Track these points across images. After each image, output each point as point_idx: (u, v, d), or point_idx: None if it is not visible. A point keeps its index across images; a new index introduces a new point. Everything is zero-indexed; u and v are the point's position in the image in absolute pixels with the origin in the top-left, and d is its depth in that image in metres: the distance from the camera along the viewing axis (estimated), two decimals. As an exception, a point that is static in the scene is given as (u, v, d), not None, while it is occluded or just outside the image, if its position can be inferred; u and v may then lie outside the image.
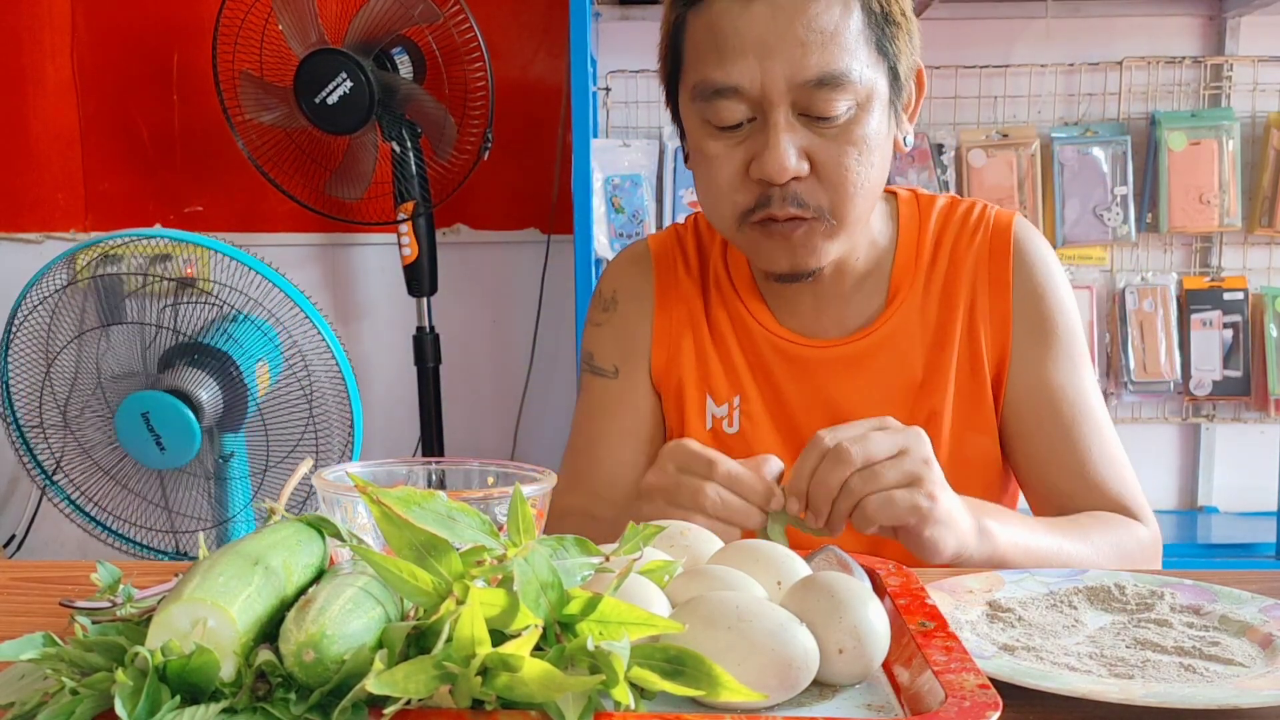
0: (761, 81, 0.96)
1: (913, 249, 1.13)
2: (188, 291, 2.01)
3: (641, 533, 0.64)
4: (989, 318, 1.10)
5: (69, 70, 2.53)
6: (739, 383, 1.14)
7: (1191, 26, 2.40)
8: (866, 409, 1.09)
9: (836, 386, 1.11)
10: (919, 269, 1.12)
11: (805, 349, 1.12)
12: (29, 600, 0.81)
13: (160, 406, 1.93)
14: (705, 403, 1.15)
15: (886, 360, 1.11)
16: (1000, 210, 1.14)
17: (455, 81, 2.22)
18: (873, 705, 0.58)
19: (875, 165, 1.00)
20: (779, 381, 1.13)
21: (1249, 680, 0.64)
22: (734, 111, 0.98)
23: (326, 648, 0.49)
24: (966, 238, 1.12)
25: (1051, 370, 1.09)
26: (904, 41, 1.01)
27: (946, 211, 1.14)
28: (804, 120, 0.98)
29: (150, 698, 0.47)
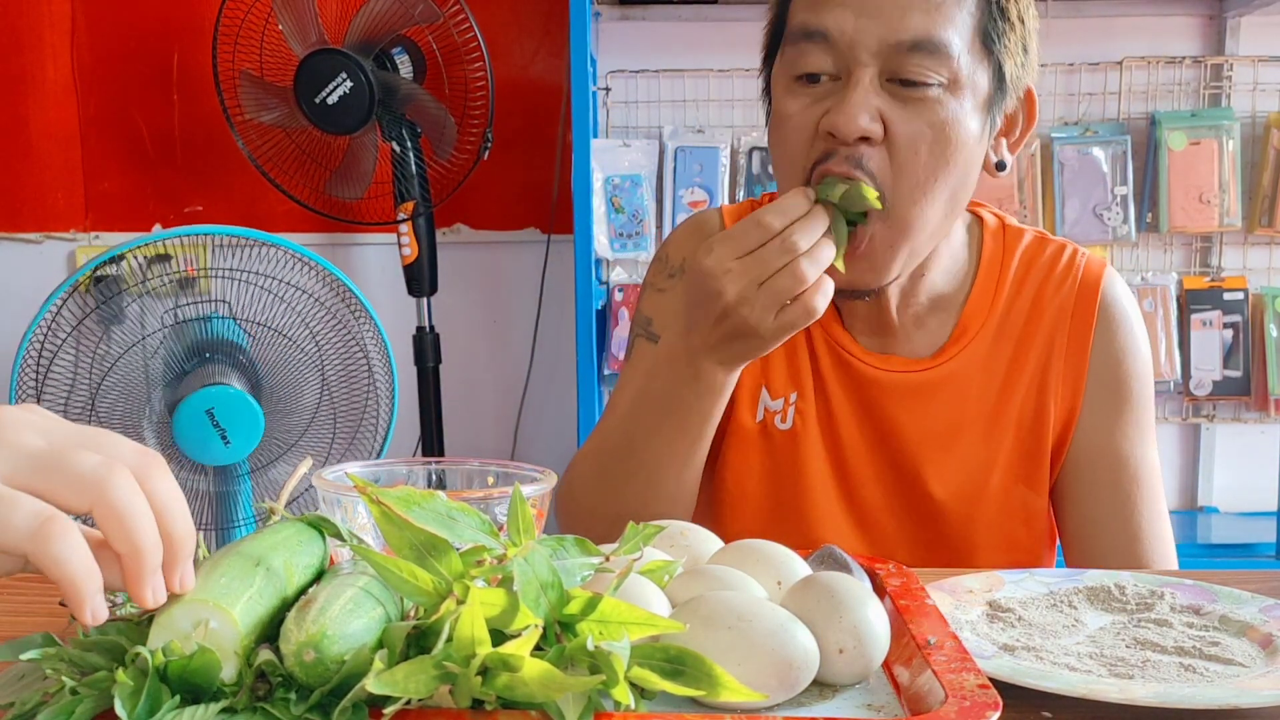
0: (854, 34, 0.92)
1: (991, 285, 1.08)
2: (191, 290, 2.01)
3: (641, 533, 0.64)
4: (1063, 375, 1.06)
5: (69, 70, 2.53)
6: (798, 379, 1.09)
7: (1191, 26, 2.40)
8: (914, 444, 1.06)
9: (888, 413, 1.07)
10: (995, 308, 1.07)
11: (867, 366, 1.07)
12: (29, 600, 0.81)
13: (226, 400, 1.93)
14: (760, 393, 1.09)
15: (946, 398, 1.06)
16: (1091, 259, 1.09)
17: (455, 81, 2.22)
18: (873, 705, 0.58)
19: (952, 164, 0.94)
20: (833, 395, 1.08)
21: (1249, 680, 0.64)
22: (818, 59, 0.93)
23: (327, 648, 0.49)
24: (1053, 286, 1.07)
25: (1120, 438, 1.06)
26: (1014, 44, 0.96)
27: (1033, 250, 1.09)
28: (890, 88, 0.92)
29: (151, 698, 0.47)
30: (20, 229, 2.57)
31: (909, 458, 1.06)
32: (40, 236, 2.57)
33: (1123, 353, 1.07)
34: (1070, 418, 1.06)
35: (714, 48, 2.37)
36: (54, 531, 0.45)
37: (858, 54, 0.92)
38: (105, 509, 0.46)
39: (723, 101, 2.37)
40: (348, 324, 2.05)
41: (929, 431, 1.06)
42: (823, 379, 1.08)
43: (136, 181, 2.55)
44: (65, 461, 0.47)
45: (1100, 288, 1.07)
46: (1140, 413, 1.07)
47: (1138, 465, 1.06)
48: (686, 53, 2.38)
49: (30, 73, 2.53)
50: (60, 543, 0.45)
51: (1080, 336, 1.06)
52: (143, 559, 0.47)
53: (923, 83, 0.92)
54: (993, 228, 1.11)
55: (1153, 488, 1.07)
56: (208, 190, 2.55)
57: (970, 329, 1.07)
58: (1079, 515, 1.07)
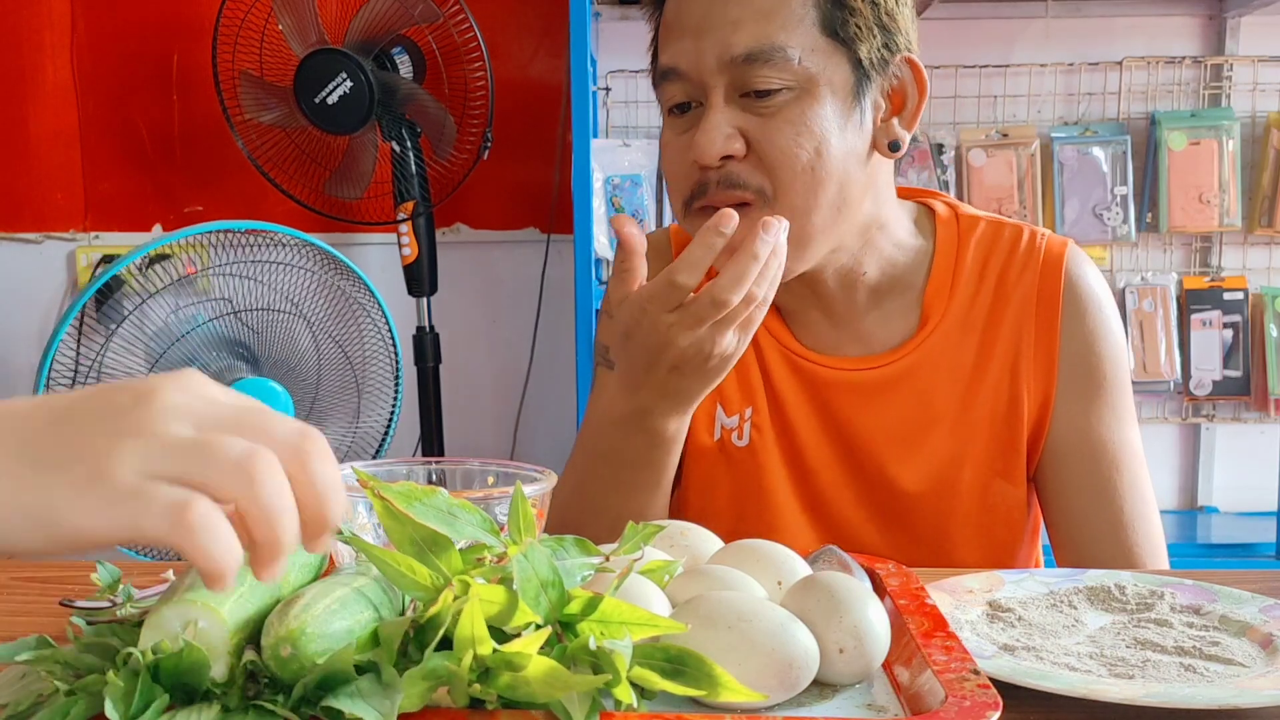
0: (695, 60, 0.95)
1: (949, 273, 1.06)
2: (192, 289, 2.01)
3: (641, 532, 0.64)
4: (1034, 362, 1.04)
5: (69, 70, 2.53)
6: (753, 395, 1.08)
7: (1191, 26, 2.40)
8: (882, 443, 1.04)
9: (850, 413, 1.06)
10: (956, 296, 1.06)
11: (820, 368, 1.06)
12: (29, 600, 0.81)
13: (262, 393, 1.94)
14: (715, 411, 1.09)
15: (911, 392, 1.05)
16: (1052, 239, 1.07)
17: (455, 81, 2.22)
18: (873, 705, 0.58)
19: (824, 157, 0.95)
20: (789, 402, 1.07)
21: (1249, 680, 0.64)
22: (677, 93, 0.98)
23: (304, 645, 0.49)
24: (1015, 271, 1.05)
25: (1096, 423, 1.04)
26: (864, 28, 0.96)
27: (991, 235, 1.07)
28: (744, 101, 0.95)
29: (142, 698, 0.47)
30: (20, 229, 2.57)
31: (875, 457, 1.05)
32: (40, 236, 2.57)
33: (1093, 335, 1.04)
34: (1045, 406, 1.04)
35: (714, 48, 2.37)
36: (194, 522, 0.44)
37: (704, 78, 0.95)
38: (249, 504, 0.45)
39: (723, 101, 2.37)
40: (361, 321, 2.05)
41: (894, 428, 1.04)
42: (776, 389, 1.07)
43: (136, 181, 2.55)
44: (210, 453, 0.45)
45: (1064, 268, 1.05)
46: (1116, 395, 1.05)
47: (1117, 450, 1.04)
48: (686, 53, 2.38)
49: (30, 73, 2.53)
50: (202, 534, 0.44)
51: (1048, 321, 1.04)
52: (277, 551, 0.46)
53: (770, 90, 0.94)
54: (944, 216, 1.09)
55: (1134, 471, 1.05)
56: (208, 190, 2.55)
57: (931, 320, 1.05)
58: (1062, 505, 1.05)
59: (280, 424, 0.48)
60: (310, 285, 2.04)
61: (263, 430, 0.47)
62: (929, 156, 2.34)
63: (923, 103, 1.02)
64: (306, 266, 2.03)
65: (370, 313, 2.06)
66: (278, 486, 0.46)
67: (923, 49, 1.04)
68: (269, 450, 0.46)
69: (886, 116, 1.00)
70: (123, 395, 0.47)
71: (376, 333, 2.08)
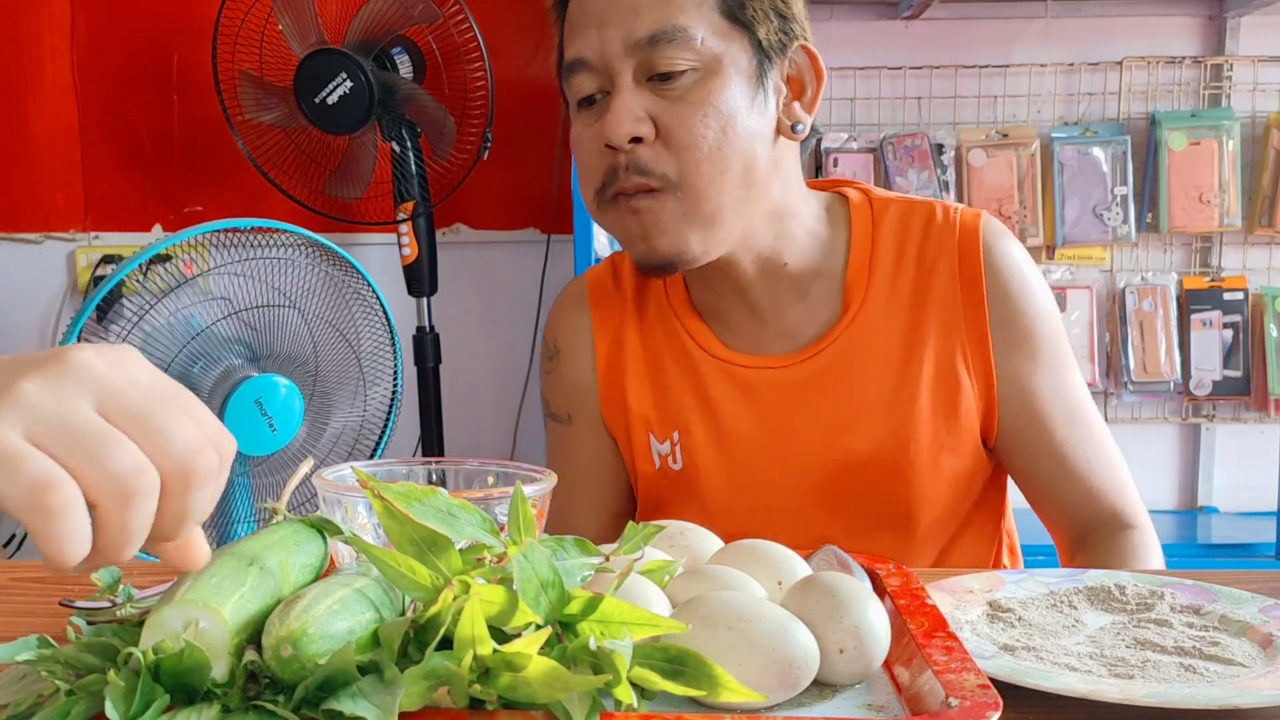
0: (600, 48, 0.97)
1: (867, 254, 1.06)
2: (193, 289, 2.01)
3: (641, 532, 0.64)
4: (965, 333, 1.04)
5: (69, 70, 2.53)
6: (679, 415, 1.08)
7: (1191, 26, 2.40)
8: (822, 433, 1.04)
9: (788, 410, 1.05)
10: (876, 277, 1.05)
11: (750, 370, 1.06)
12: (29, 600, 0.81)
13: (270, 389, 1.95)
14: (649, 440, 1.10)
15: (845, 379, 1.04)
16: (965, 210, 1.07)
17: (455, 81, 2.22)
18: (873, 705, 0.58)
19: (731, 136, 0.96)
20: (725, 410, 1.07)
21: (1249, 680, 0.64)
22: (585, 84, 0.99)
23: (305, 646, 0.49)
24: (934, 245, 1.05)
25: (1040, 381, 1.05)
26: (762, 13, 0.98)
27: (904, 213, 1.07)
28: (650, 85, 0.97)
29: (143, 699, 0.47)
30: (20, 229, 2.57)
31: (817, 449, 1.05)
32: (40, 236, 2.57)
33: (1019, 295, 1.04)
34: (988, 378, 1.04)
35: (714, 48, 2.37)
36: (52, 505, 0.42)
37: (610, 63, 0.97)
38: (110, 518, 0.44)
39: (723, 101, 2.37)
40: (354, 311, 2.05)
41: (834, 420, 1.04)
42: (709, 400, 1.07)
43: (136, 182, 2.55)
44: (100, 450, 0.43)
45: (981, 240, 1.04)
46: (1053, 348, 1.05)
47: (1065, 403, 1.05)
48: (686, 53, 2.38)
49: (30, 73, 2.53)
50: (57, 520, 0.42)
51: (973, 290, 1.04)
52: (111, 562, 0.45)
53: (675, 72, 0.96)
54: (857, 201, 1.09)
55: (1086, 418, 1.06)
56: (208, 190, 2.55)
57: (855, 302, 1.05)
58: (1027, 470, 1.06)
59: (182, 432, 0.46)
60: (310, 279, 2.04)
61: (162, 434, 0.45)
62: (929, 157, 2.34)
63: (820, 89, 1.04)
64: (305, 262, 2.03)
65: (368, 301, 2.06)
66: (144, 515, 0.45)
67: (923, 49, 1.05)
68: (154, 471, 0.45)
69: (788, 101, 1.02)
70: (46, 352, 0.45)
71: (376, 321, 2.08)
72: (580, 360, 1.15)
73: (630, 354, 1.12)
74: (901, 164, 2.32)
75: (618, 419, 1.12)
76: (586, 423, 1.15)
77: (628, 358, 1.12)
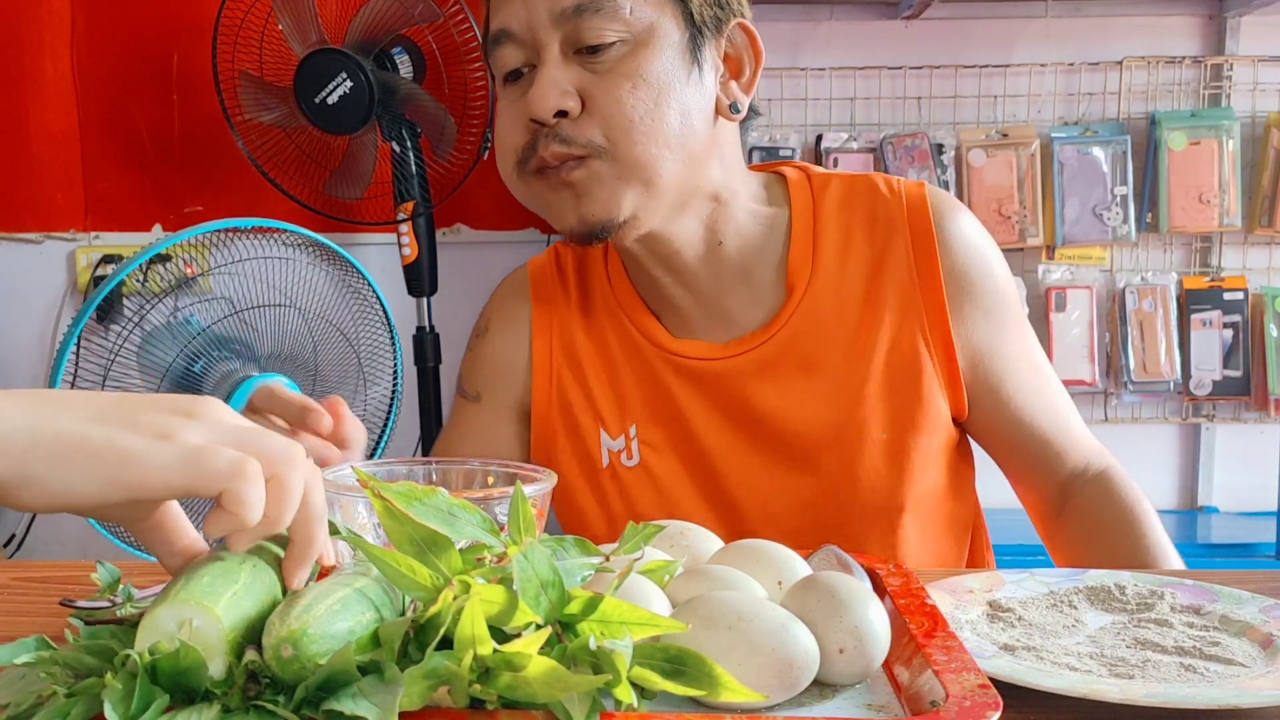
0: (526, 19, 0.94)
1: (809, 235, 1.03)
2: (192, 289, 2.01)
3: (641, 532, 0.64)
4: (923, 309, 1.02)
5: (69, 70, 2.53)
6: (633, 410, 1.05)
7: (1191, 26, 2.40)
8: (782, 419, 1.02)
9: (745, 398, 1.03)
10: (822, 257, 1.03)
11: (698, 361, 1.03)
12: (29, 600, 0.81)
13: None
14: (600, 437, 1.06)
15: (798, 360, 1.02)
16: (908, 183, 1.05)
17: (455, 81, 2.22)
18: (873, 705, 0.58)
19: (663, 108, 0.93)
20: (678, 402, 1.04)
21: (1249, 680, 0.64)
22: (510, 57, 0.96)
23: (306, 646, 0.49)
24: (882, 221, 1.03)
25: (1003, 348, 1.04)
26: None
27: (847, 190, 1.05)
28: (578, 58, 0.94)
29: (142, 700, 0.47)
30: (20, 229, 2.57)
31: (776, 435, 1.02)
32: (40, 236, 2.57)
33: (977, 268, 1.03)
34: (949, 353, 1.02)
35: (714, 48, 2.37)
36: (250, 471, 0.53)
37: (537, 34, 0.94)
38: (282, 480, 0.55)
39: (723, 101, 2.37)
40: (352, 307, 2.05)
41: (793, 403, 1.02)
42: (664, 394, 1.05)
43: (136, 181, 2.55)
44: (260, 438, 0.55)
45: (928, 207, 1.03)
46: (1011, 310, 1.05)
47: (1029, 364, 1.06)
48: (686, 53, 2.38)
49: (30, 73, 2.53)
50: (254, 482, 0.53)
51: (926, 262, 1.02)
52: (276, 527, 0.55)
53: (604, 44, 0.93)
54: (795, 179, 1.07)
55: (1050, 381, 1.07)
56: (207, 190, 2.55)
57: (801, 282, 1.03)
58: (1003, 439, 1.06)
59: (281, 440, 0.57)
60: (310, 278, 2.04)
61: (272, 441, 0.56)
62: (929, 156, 2.34)
63: (759, 69, 1.02)
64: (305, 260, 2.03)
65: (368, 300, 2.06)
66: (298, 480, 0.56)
67: (923, 49, 1.04)
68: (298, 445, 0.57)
69: (725, 80, 0.99)
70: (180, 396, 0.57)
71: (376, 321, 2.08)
72: (510, 347, 1.12)
73: (573, 345, 1.09)
74: (901, 164, 2.32)
75: (554, 411, 1.09)
76: (495, 407, 1.12)
77: (570, 348, 1.09)
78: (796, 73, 2.35)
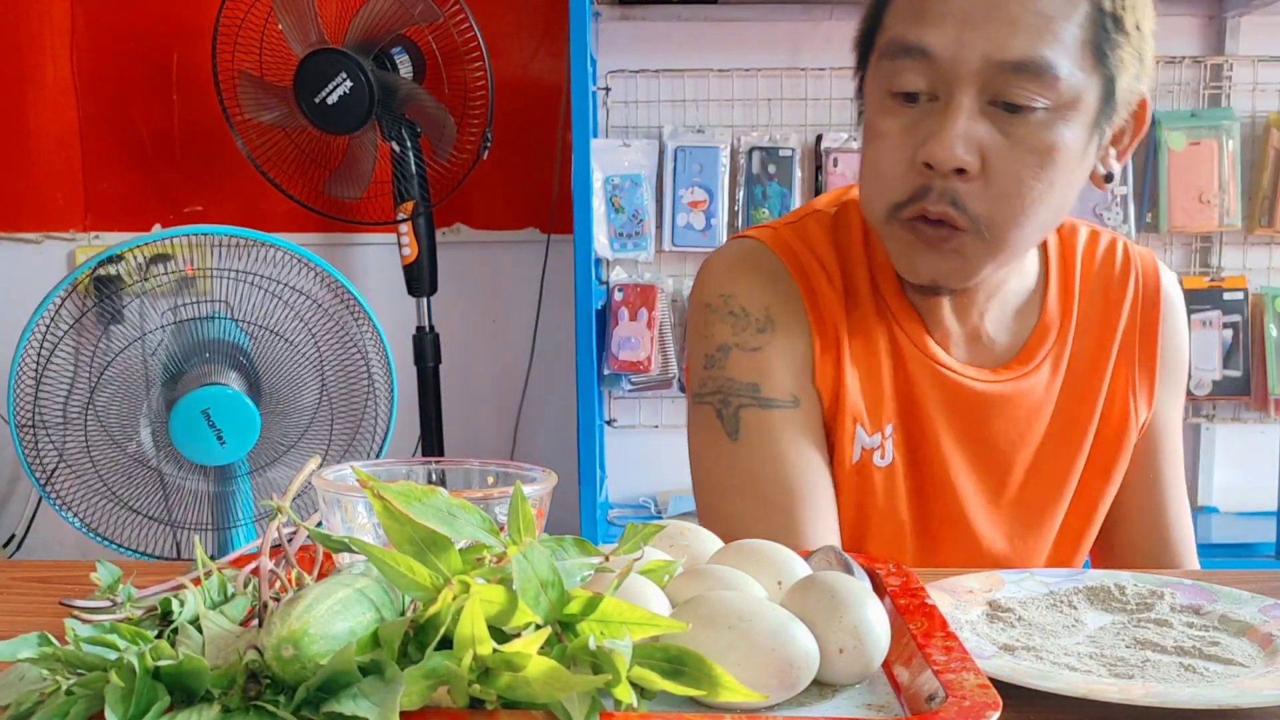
0: (955, 50, 0.86)
1: (1064, 282, 1.06)
2: (191, 290, 2.01)
3: (641, 532, 0.64)
4: (1140, 375, 1.07)
5: (69, 70, 2.53)
6: (891, 409, 1.02)
7: (1191, 26, 2.40)
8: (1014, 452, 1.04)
9: (987, 424, 1.03)
10: (1072, 306, 1.06)
11: (957, 378, 1.02)
12: (29, 600, 0.81)
13: (222, 400, 1.93)
14: (855, 431, 1.01)
15: (1037, 401, 1.04)
16: (1144, 253, 1.09)
17: (455, 81, 2.22)
18: (873, 705, 0.58)
19: (1056, 186, 0.90)
20: (928, 412, 1.02)
21: (1249, 680, 0.64)
22: (916, 77, 0.88)
23: (306, 646, 0.49)
24: (1117, 285, 1.07)
25: (1172, 419, 1.12)
26: (1129, 57, 0.90)
27: (1091, 246, 1.08)
28: (991, 111, 0.88)
29: (143, 699, 0.47)
30: (20, 229, 2.57)
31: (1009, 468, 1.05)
32: (40, 236, 2.57)
33: (1183, 345, 1.11)
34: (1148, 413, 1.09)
35: (714, 47, 2.37)
36: None
37: (959, 72, 0.87)
38: None
39: (722, 101, 2.37)
40: (346, 325, 2.06)
41: (1025, 439, 1.04)
42: (917, 400, 1.02)
43: (136, 181, 2.55)
44: None
45: (1161, 286, 1.09)
46: (1183, 396, 1.13)
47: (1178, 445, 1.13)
48: (686, 53, 2.38)
49: (30, 73, 2.53)
50: None
51: (1149, 336, 1.08)
52: None
53: (1027, 106, 0.87)
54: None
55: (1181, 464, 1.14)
56: (207, 190, 2.55)
57: (1050, 330, 1.05)
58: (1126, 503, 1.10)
59: None
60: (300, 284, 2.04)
61: None
62: (929, 156, 2.34)
63: (1138, 138, 0.98)
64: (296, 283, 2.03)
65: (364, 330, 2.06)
66: None
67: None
68: None
69: (1107, 146, 0.96)
70: None
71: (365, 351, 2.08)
72: (800, 332, 1.00)
73: (843, 334, 1.01)
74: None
75: (827, 406, 1.01)
76: (812, 408, 1.00)
77: (841, 337, 1.01)
78: (797, 73, 2.35)
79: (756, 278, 1.02)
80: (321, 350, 2.06)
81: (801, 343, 1.00)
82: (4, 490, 2.62)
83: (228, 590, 0.63)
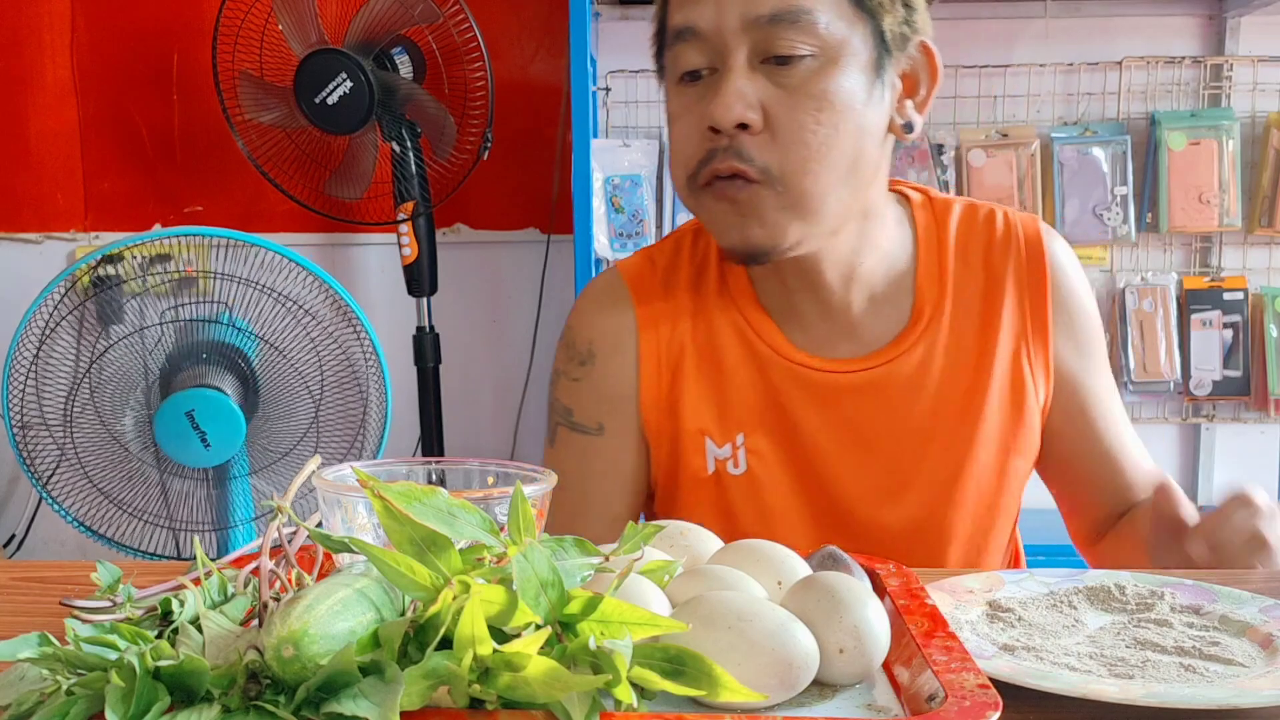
0: (717, 20, 0.92)
1: (934, 260, 1.05)
2: (190, 290, 2.01)
3: (641, 532, 0.64)
4: (1033, 340, 1.05)
5: (69, 70, 2.53)
6: (743, 417, 1.04)
7: (1191, 26, 2.40)
8: (895, 440, 1.03)
9: (860, 416, 1.03)
10: (946, 284, 1.04)
11: (821, 374, 1.03)
12: (29, 600, 0.81)
13: (206, 403, 1.93)
14: (705, 444, 1.04)
15: (917, 385, 1.03)
16: (1024, 218, 1.08)
17: (455, 81, 2.22)
18: (873, 705, 0.58)
19: (842, 132, 0.92)
20: (792, 411, 1.03)
21: (1249, 680, 0.64)
22: (693, 56, 0.94)
23: (306, 646, 0.49)
24: (999, 254, 1.06)
25: (1090, 378, 1.08)
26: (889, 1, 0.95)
27: (967, 220, 1.07)
28: (764, 69, 0.92)
29: (143, 699, 0.47)
30: (20, 229, 2.57)
31: (892, 455, 1.03)
32: (40, 236, 2.57)
33: (1078, 301, 1.07)
34: (1048, 378, 1.06)
35: (714, 48, 2.36)
36: None
37: (725, 39, 0.92)
38: None
39: (723, 101, 2.37)
40: (339, 329, 2.06)
41: (907, 425, 1.03)
42: (777, 402, 1.03)
43: (136, 181, 2.55)
44: None
45: (1043, 245, 1.06)
46: (1100, 347, 1.10)
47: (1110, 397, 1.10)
48: (686, 53, 2.38)
49: (30, 73, 2.53)
50: None
51: (1039, 298, 1.05)
52: None
53: (794, 55, 0.91)
54: (919, 202, 1.08)
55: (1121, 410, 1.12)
56: (208, 190, 2.55)
57: (926, 309, 1.04)
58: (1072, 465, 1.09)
59: None
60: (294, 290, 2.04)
61: None
62: (929, 157, 2.34)
63: (934, 89, 1.01)
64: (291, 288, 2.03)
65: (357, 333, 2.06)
66: None
67: (922, 49, 1.04)
68: None
69: (901, 98, 0.99)
70: None
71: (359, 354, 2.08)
72: (620, 364, 1.06)
73: (686, 351, 1.05)
74: (901, 164, 2.32)
75: (662, 422, 1.06)
76: (620, 434, 1.07)
77: (683, 355, 1.05)
78: (796, 73, 2.34)
79: (591, 312, 1.09)
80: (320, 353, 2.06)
81: (623, 373, 1.06)
82: (4, 490, 2.62)
83: (228, 590, 0.63)
